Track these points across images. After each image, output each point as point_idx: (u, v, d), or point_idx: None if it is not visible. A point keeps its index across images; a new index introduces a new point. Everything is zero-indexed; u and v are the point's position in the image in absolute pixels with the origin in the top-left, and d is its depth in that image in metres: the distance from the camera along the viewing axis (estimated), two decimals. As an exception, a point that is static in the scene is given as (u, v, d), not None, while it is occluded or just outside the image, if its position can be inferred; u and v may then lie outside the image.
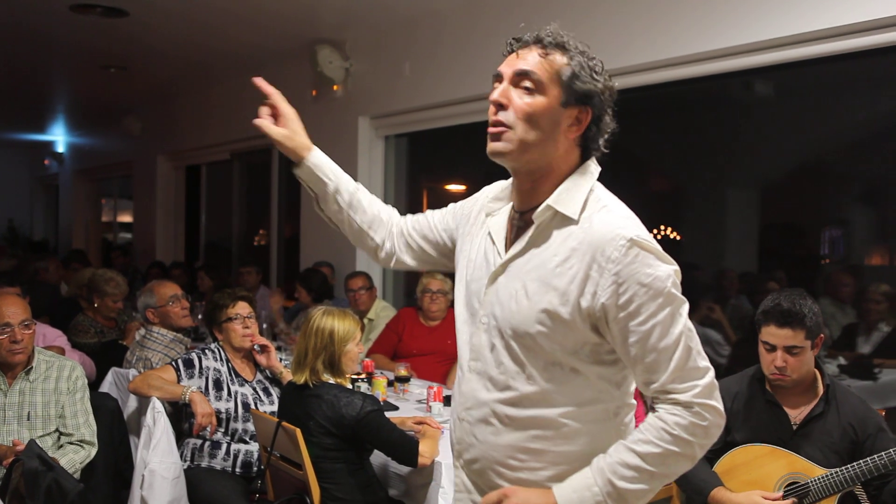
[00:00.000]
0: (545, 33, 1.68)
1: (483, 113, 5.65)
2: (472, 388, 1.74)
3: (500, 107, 1.64)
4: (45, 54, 7.68)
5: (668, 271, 1.56)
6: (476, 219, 1.87)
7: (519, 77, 1.64)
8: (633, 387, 1.73)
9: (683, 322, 1.58)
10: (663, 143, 4.97)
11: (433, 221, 1.99)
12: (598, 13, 4.52)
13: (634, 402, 1.76)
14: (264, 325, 5.47)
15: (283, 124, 1.98)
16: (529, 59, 1.64)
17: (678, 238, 4.91)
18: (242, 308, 3.81)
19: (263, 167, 8.16)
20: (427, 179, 6.74)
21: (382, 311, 5.68)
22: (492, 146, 1.66)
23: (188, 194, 10.21)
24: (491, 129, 1.65)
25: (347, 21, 6.11)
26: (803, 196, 4.45)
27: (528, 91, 1.63)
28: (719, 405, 1.59)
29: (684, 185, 5.13)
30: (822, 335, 2.74)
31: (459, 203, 1.98)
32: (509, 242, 1.73)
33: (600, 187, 1.70)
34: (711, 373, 1.61)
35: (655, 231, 4.85)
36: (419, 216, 2.03)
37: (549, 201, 1.64)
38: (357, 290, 5.66)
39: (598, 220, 1.61)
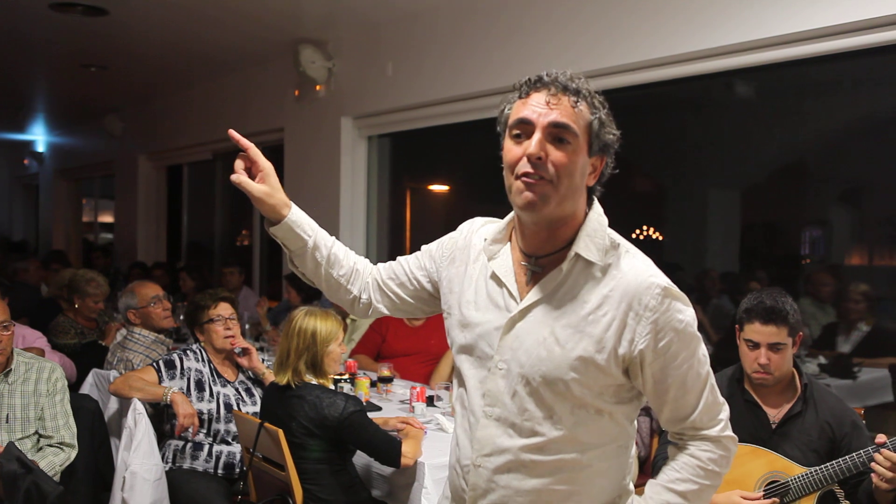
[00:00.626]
0: (568, 81, 1.62)
1: (466, 113, 5.64)
2: (489, 434, 1.71)
3: (538, 160, 1.58)
4: (25, 53, 7.61)
5: (692, 315, 1.66)
6: (464, 258, 1.83)
7: (556, 129, 1.59)
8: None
9: (706, 362, 1.69)
10: (645, 143, 4.99)
11: (408, 268, 1.95)
12: (581, 15, 4.53)
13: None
14: (247, 326, 5.45)
15: (262, 180, 1.85)
16: (564, 111, 1.59)
17: (660, 238, 4.93)
18: (224, 309, 3.80)
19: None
20: (410, 180, 6.74)
21: (365, 312, 5.66)
22: (526, 199, 1.59)
23: (170, 194, 10.15)
24: (526, 180, 1.59)
25: (330, 21, 6.09)
26: (784, 196, 4.48)
27: (565, 143, 1.59)
28: (733, 434, 1.73)
29: (666, 186, 5.16)
30: (801, 333, 2.77)
31: (434, 243, 1.94)
32: (522, 287, 1.71)
33: (610, 230, 1.71)
34: (726, 405, 1.74)
35: (637, 231, 4.88)
36: (392, 264, 1.99)
37: (577, 250, 1.64)
38: (340, 291, 5.63)
39: (627, 267, 1.64)
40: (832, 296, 4.25)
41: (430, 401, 3.94)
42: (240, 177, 1.83)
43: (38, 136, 13.62)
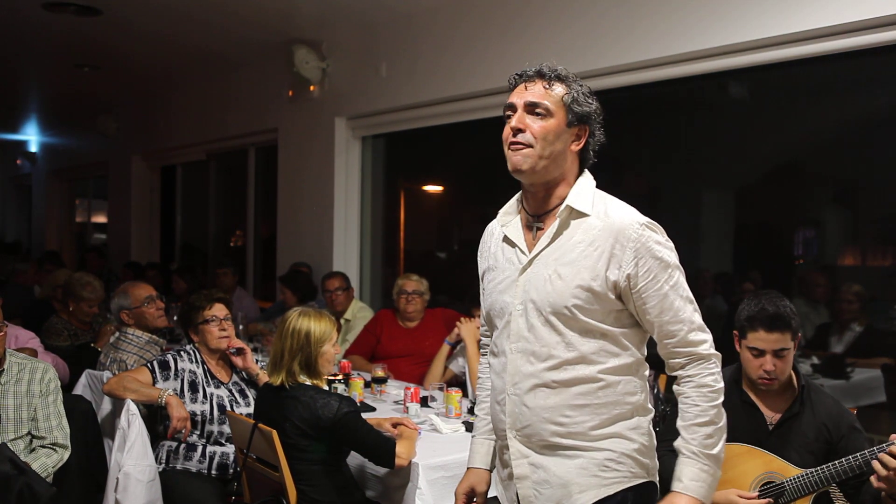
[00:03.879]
0: (545, 68, 2.05)
1: (460, 114, 5.67)
2: (515, 366, 2.06)
3: (519, 131, 2.00)
4: (18, 53, 7.59)
5: (670, 247, 2.00)
6: (487, 247, 2.26)
7: (531, 107, 2.01)
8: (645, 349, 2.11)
9: (686, 286, 2.02)
10: (639, 144, 5.00)
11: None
12: (574, 17, 4.54)
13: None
14: (240, 327, 5.44)
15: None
16: (536, 91, 2.02)
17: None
18: (219, 310, 3.78)
19: (240, 168, 8.12)
20: (404, 180, 6.74)
21: (359, 312, 5.67)
22: (514, 162, 2.01)
23: (164, 195, 10.13)
24: (512, 147, 2.01)
25: (324, 21, 6.09)
26: (777, 197, 4.49)
27: (541, 116, 2.00)
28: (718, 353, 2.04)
29: (659, 186, 5.16)
30: (799, 334, 2.77)
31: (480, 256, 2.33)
32: (530, 243, 2.09)
33: (599, 191, 2.10)
34: (709, 331, 2.04)
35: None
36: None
37: (568, 202, 2.03)
38: (334, 291, 5.65)
39: (613, 211, 2.00)
40: (825, 296, 4.26)
41: (424, 401, 3.94)
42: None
43: (31, 137, 13.57)
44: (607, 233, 1.97)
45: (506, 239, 2.15)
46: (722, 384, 2.00)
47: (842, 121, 4.18)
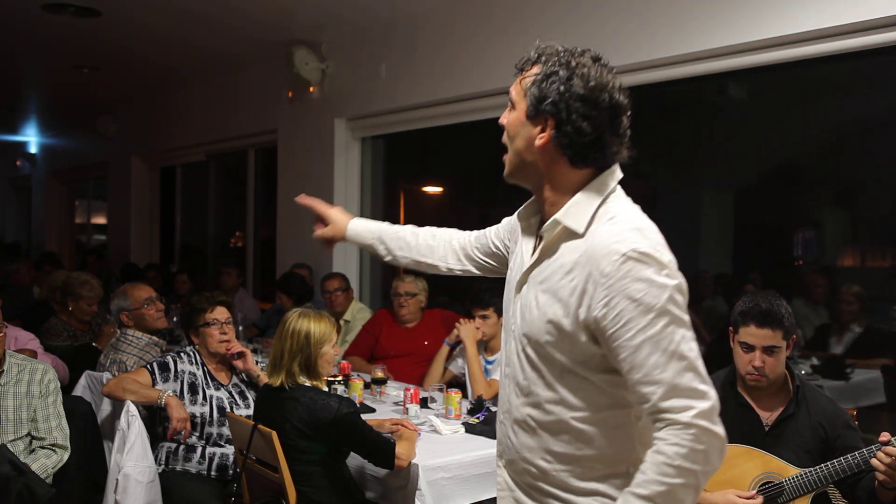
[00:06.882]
0: (533, 48, 1.71)
1: (459, 115, 5.64)
2: (505, 392, 1.81)
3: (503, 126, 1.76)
4: (17, 53, 7.59)
5: (664, 285, 1.53)
6: (517, 232, 1.91)
7: (508, 99, 1.74)
8: None
9: (680, 339, 1.52)
10: (638, 145, 4.99)
11: (492, 237, 2.12)
12: (573, 18, 4.53)
13: None
14: (240, 328, 5.44)
15: (329, 221, 2.30)
16: (515, 83, 1.71)
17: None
18: (221, 313, 3.78)
19: (240, 169, 8.12)
20: (404, 181, 6.74)
21: (359, 313, 5.67)
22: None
23: (163, 196, 10.13)
24: None
25: (323, 22, 6.09)
26: (777, 198, 4.49)
27: (510, 109, 1.72)
28: (721, 432, 1.52)
29: (659, 188, 5.16)
30: (794, 335, 2.77)
31: (512, 217, 1.99)
32: (531, 254, 1.78)
33: (617, 198, 1.69)
34: (714, 399, 1.53)
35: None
36: (480, 234, 2.16)
37: (556, 216, 1.67)
38: (333, 292, 5.65)
39: (599, 232, 1.61)
40: (825, 297, 4.26)
41: (423, 402, 3.93)
42: (320, 232, 2.30)
43: (31, 138, 13.58)
44: (585, 260, 1.59)
45: (517, 243, 1.86)
46: (689, 465, 1.49)
47: (842, 122, 4.19)
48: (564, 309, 1.62)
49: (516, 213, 1.91)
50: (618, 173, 1.73)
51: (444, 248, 2.19)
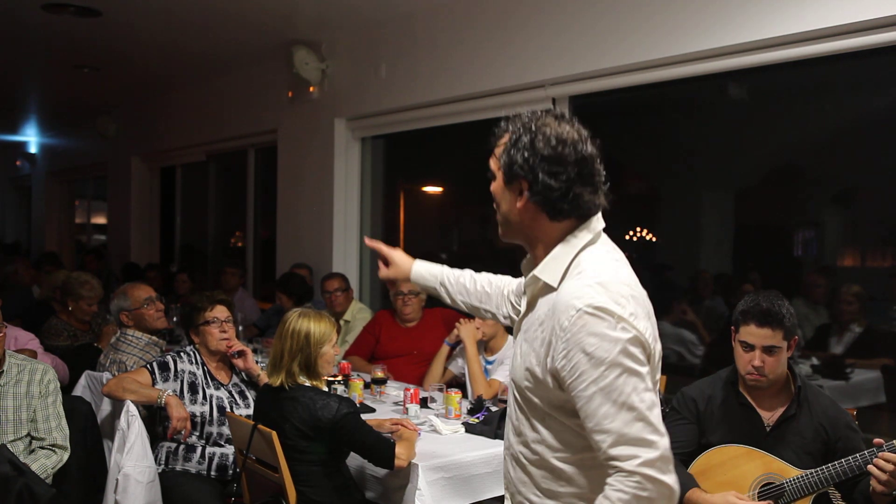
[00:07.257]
0: (503, 121, 1.83)
1: (459, 115, 5.64)
2: (505, 430, 1.95)
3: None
4: (17, 54, 7.59)
5: (617, 339, 1.60)
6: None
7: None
8: None
9: (630, 391, 1.59)
10: (638, 145, 5.00)
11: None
12: (574, 19, 4.53)
13: None
14: (240, 328, 5.44)
15: (391, 263, 2.42)
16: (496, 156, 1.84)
17: (654, 240, 4.94)
18: (220, 312, 3.78)
19: (239, 169, 8.12)
20: (404, 181, 6.74)
21: (359, 313, 5.67)
22: None
23: (163, 196, 10.14)
24: None
25: (324, 22, 6.09)
26: (777, 198, 4.49)
27: (492, 179, 1.86)
28: (668, 480, 1.58)
29: (660, 188, 5.16)
30: (796, 336, 2.77)
31: None
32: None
33: (592, 250, 1.77)
34: (663, 448, 1.59)
35: (631, 233, 4.88)
36: (520, 283, 2.20)
37: (535, 271, 1.80)
38: (333, 292, 5.65)
39: (565, 287, 1.71)
40: (825, 297, 4.25)
41: (423, 402, 3.93)
42: (381, 272, 2.43)
43: (31, 138, 13.58)
44: (552, 313, 1.70)
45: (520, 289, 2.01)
46: None
47: (841, 122, 4.18)
48: (537, 358, 1.74)
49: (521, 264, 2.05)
50: (596, 223, 1.80)
51: (497, 297, 2.30)
